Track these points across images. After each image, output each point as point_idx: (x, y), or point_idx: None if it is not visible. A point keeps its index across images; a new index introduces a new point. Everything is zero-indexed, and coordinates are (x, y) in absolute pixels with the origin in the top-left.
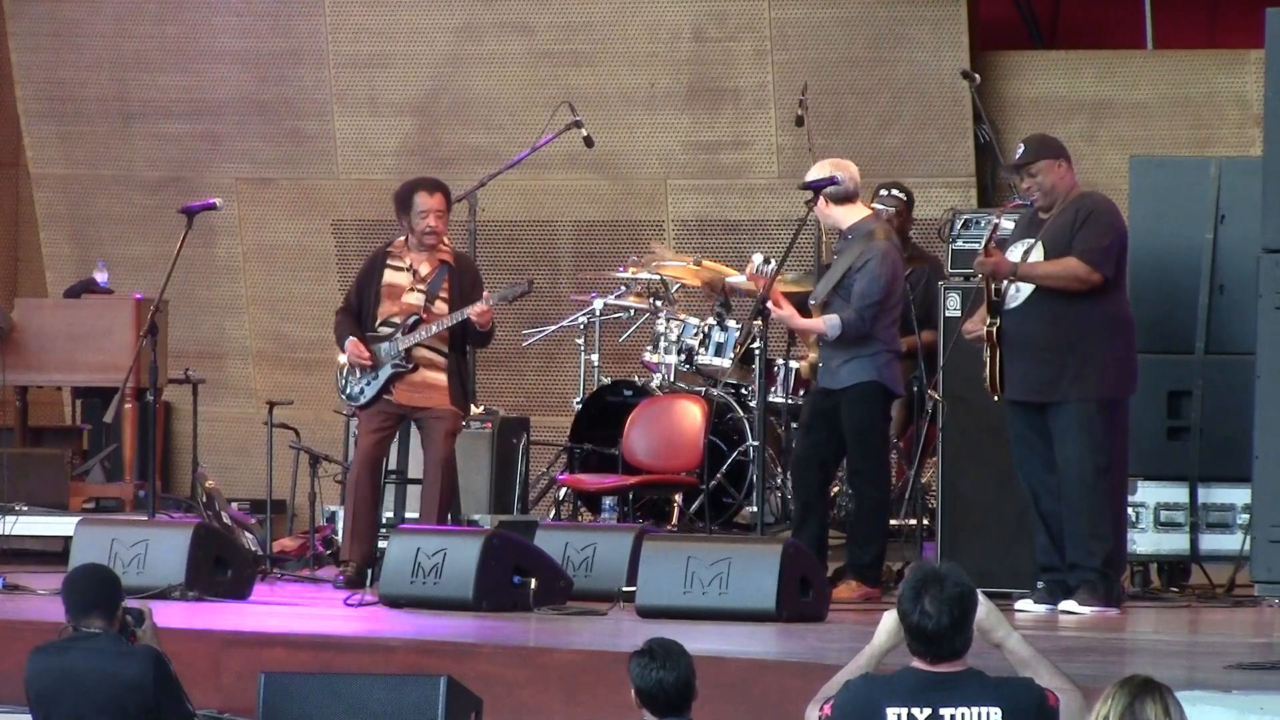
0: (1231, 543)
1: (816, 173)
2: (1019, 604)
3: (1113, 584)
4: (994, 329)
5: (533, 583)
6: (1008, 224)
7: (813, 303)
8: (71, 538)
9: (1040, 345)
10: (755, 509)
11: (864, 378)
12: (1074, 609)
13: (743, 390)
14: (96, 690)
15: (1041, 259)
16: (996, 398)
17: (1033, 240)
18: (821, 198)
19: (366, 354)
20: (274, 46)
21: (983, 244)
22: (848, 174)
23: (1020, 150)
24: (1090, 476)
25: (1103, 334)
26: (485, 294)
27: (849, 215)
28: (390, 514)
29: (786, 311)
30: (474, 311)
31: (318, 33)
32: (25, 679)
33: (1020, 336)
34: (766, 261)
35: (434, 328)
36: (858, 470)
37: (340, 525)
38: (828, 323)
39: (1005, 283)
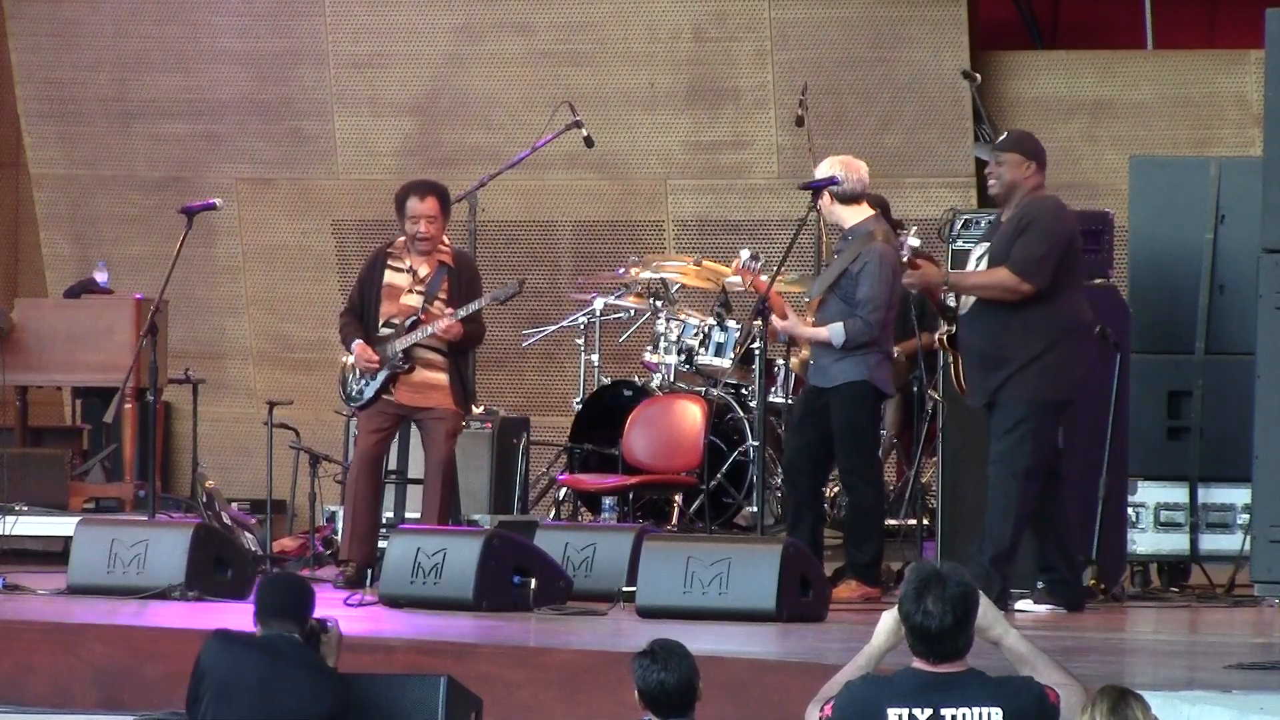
0: (1231, 543)
1: (826, 169)
2: (1019, 604)
3: (993, 583)
4: (947, 336)
5: (533, 583)
6: (914, 241)
7: (807, 300)
8: (71, 538)
9: (984, 351)
10: (755, 509)
11: (854, 377)
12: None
13: (743, 390)
14: (273, 694)
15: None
16: (969, 402)
17: (990, 244)
18: (827, 194)
19: (375, 358)
20: (274, 46)
21: (907, 262)
22: (856, 174)
23: (1004, 136)
24: (1005, 478)
25: (1046, 338)
26: (450, 310)
27: (852, 215)
28: (390, 514)
29: (790, 321)
30: (438, 328)
31: (318, 33)
32: (201, 658)
33: (968, 342)
34: (754, 258)
35: (431, 328)
36: (849, 470)
37: (340, 525)
38: (832, 331)
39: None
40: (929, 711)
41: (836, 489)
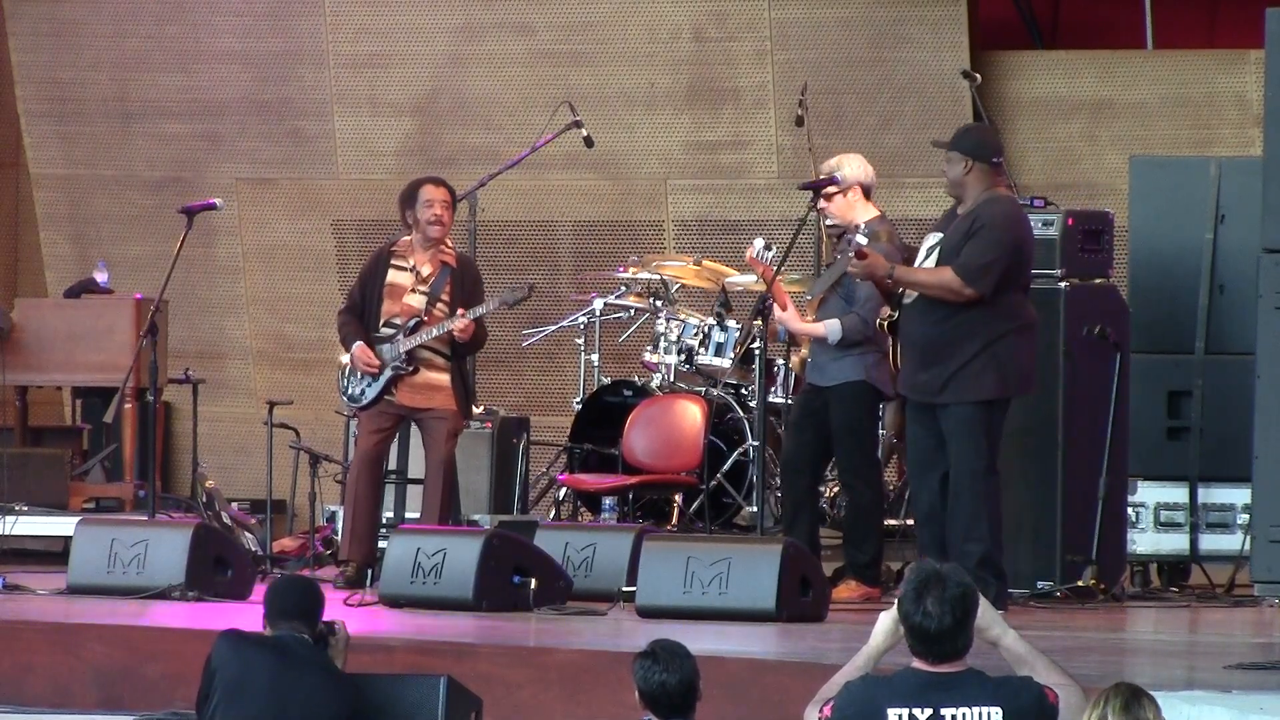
0: (1231, 543)
1: (857, 166)
2: None
3: (989, 586)
4: (887, 323)
5: (533, 583)
6: (861, 239)
7: (808, 298)
8: (71, 538)
9: (924, 346)
10: (755, 509)
11: (852, 377)
12: None
13: (743, 390)
14: (285, 694)
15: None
16: (899, 388)
17: (942, 235)
18: (857, 188)
19: (375, 361)
20: (274, 46)
21: (853, 252)
22: (868, 174)
23: (955, 133)
24: (966, 480)
25: (985, 337)
26: (461, 310)
27: (863, 214)
28: (390, 514)
29: (789, 313)
30: (454, 327)
31: (318, 33)
32: (212, 657)
33: (909, 334)
34: (768, 247)
35: (434, 330)
36: (848, 470)
37: (340, 525)
38: (828, 328)
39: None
40: (929, 711)
41: (836, 489)
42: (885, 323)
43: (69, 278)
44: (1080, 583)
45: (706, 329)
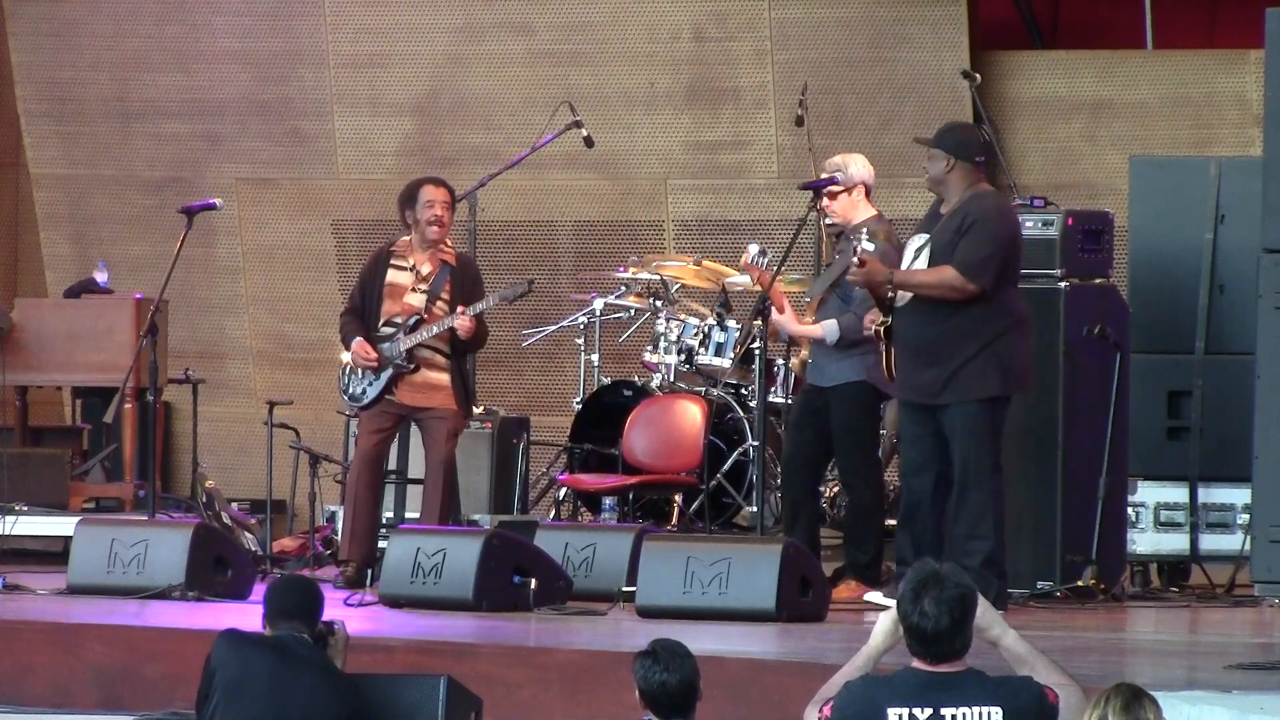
0: (1231, 543)
1: (861, 166)
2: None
3: (991, 586)
4: (883, 327)
5: (533, 583)
6: (869, 245)
7: (807, 299)
8: (71, 538)
9: (921, 347)
10: (755, 509)
11: (853, 377)
12: None
13: (743, 390)
14: (285, 693)
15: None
16: (895, 393)
17: (927, 236)
18: (861, 187)
19: (374, 355)
20: (274, 46)
21: (856, 258)
22: (871, 173)
23: (937, 130)
24: (972, 478)
25: (985, 335)
26: (461, 308)
27: (862, 213)
28: (390, 514)
29: (786, 316)
30: (454, 324)
31: (318, 33)
32: (211, 657)
33: (905, 337)
34: (762, 253)
35: (435, 328)
36: (848, 470)
37: (340, 525)
38: (826, 329)
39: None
40: (929, 711)
41: (836, 489)
42: (879, 329)
43: (69, 278)
44: (1080, 583)
45: (706, 329)
